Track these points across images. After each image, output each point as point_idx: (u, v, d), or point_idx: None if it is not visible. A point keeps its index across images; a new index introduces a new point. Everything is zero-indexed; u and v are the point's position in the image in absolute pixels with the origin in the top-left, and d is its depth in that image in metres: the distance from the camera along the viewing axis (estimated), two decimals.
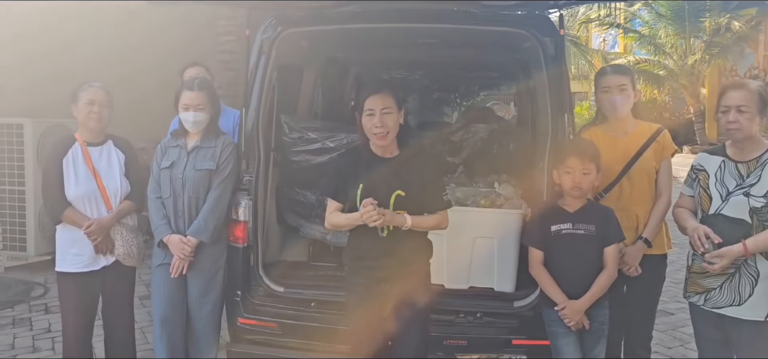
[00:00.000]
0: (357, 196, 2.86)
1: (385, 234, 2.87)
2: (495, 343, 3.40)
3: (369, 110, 2.89)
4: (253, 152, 3.58)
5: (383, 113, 2.88)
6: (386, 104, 2.89)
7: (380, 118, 2.87)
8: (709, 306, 2.95)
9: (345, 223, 2.94)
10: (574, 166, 2.98)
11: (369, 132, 2.92)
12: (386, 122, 2.88)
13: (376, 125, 2.87)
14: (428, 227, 2.98)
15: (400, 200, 2.87)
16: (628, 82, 3.30)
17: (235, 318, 3.57)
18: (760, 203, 2.80)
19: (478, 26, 3.66)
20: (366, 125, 2.91)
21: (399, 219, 2.84)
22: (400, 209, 2.86)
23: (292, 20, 3.61)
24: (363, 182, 2.88)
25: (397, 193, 2.87)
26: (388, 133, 2.89)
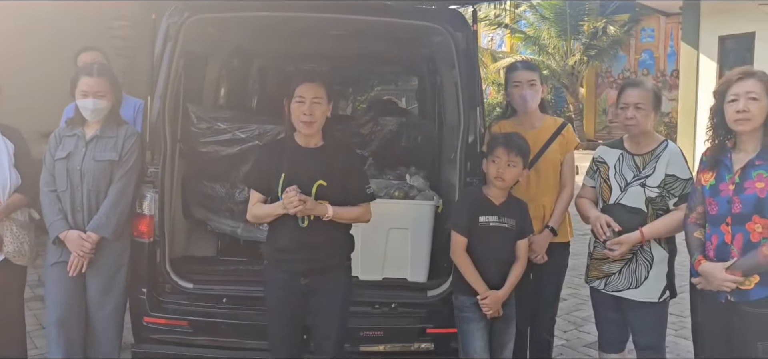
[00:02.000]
0: (279, 186, 2.81)
1: (305, 224, 2.84)
2: (410, 332, 3.45)
3: (299, 97, 2.85)
4: (158, 143, 3.40)
5: (313, 102, 2.85)
6: (317, 93, 2.87)
7: (310, 106, 2.84)
8: (608, 289, 3.15)
9: (266, 214, 2.89)
10: (500, 156, 3.07)
11: (297, 120, 2.87)
12: (314, 111, 2.85)
13: (305, 112, 2.84)
14: (350, 218, 2.97)
15: (322, 191, 2.85)
16: (536, 78, 3.45)
17: (140, 317, 3.39)
18: (655, 193, 3.03)
19: (391, 19, 3.67)
20: (294, 112, 2.87)
21: (320, 208, 2.82)
22: (322, 199, 2.84)
23: (199, 6, 3.46)
24: (285, 171, 2.83)
25: (319, 183, 2.85)
26: (315, 122, 2.86)
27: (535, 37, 18.87)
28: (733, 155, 2.74)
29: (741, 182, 2.67)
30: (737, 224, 2.66)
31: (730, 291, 2.67)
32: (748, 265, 2.62)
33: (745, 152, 2.71)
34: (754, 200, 2.62)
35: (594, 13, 17.70)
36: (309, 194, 2.81)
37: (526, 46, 19.65)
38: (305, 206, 2.76)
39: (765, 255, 2.58)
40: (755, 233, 2.63)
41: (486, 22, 20.15)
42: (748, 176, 2.66)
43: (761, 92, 2.63)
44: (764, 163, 2.64)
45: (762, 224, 2.62)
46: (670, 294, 3.10)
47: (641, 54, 18.60)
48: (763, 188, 2.61)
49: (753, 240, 2.63)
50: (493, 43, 22.65)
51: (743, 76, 2.68)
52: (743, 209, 2.64)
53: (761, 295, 2.64)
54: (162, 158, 3.39)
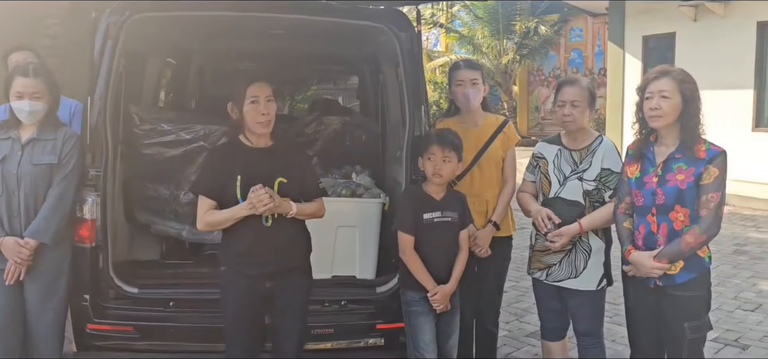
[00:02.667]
0: (237, 188, 2.79)
1: (269, 224, 2.82)
2: (359, 329, 3.49)
3: (253, 98, 2.83)
4: (99, 145, 3.31)
5: (267, 101, 2.85)
6: (268, 92, 2.87)
7: (265, 105, 2.83)
8: (550, 280, 3.29)
9: (226, 218, 2.83)
10: (435, 153, 3.14)
11: (253, 121, 2.85)
12: (270, 110, 2.85)
13: (262, 112, 2.83)
14: (309, 214, 2.99)
15: (282, 187, 2.86)
16: (479, 77, 3.56)
17: (83, 324, 3.29)
18: (592, 186, 3.18)
19: (334, 19, 3.70)
20: (249, 113, 2.84)
21: (285, 205, 2.82)
22: (283, 196, 2.84)
23: (140, 5, 3.39)
24: (241, 173, 2.81)
25: (280, 179, 2.85)
26: (271, 121, 2.86)
27: (469, 37, 19.25)
28: (655, 148, 2.92)
29: (663, 175, 2.85)
30: (661, 214, 2.85)
31: (658, 277, 2.85)
32: (673, 252, 2.80)
33: (665, 146, 2.89)
34: (675, 192, 2.81)
35: (525, 13, 18.21)
36: None
37: (461, 46, 20.02)
38: (273, 202, 2.75)
39: (688, 243, 2.77)
40: (678, 222, 2.82)
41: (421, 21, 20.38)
42: (669, 168, 2.85)
43: (673, 90, 2.80)
44: (683, 156, 2.83)
45: (683, 213, 2.81)
46: (607, 282, 3.26)
47: (571, 53, 19.26)
48: (683, 179, 2.80)
49: (676, 228, 2.82)
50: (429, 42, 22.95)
51: (659, 75, 2.86)
52: (666, 200, 2.82)
53: (685, 279, 2.84)
54: (104, 160, 3.30)
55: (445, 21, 19.86)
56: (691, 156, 2.81)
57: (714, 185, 2.77)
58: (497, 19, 18.21)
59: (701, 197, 2.78)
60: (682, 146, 2.84)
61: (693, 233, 2.77)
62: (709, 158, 2.79)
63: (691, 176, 2.78)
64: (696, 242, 2.77)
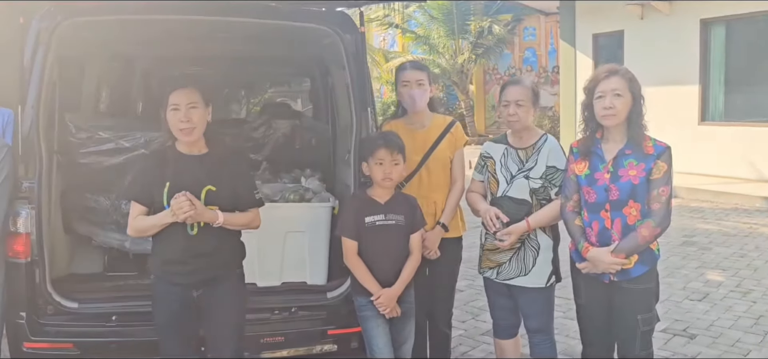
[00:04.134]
0: (163, 195, 2.72)
1: (194, 232, 2.76)
2: (311, 336, 3.43)
3: (174, 105, 2.76)
4: (32, 155, 3.17)
5: (189, 108, 2.76)
6: (192, 99, 2.78)
7: (186, 113, 2.75)
8: (500, 278, 3.29)
9: (152, 225, 2.77)
10: (384, 157, 3.10)
11: (174, 128, 2.78)
12: (192, 117, 2.77)
13: (182, 120, 2.75)
14: (240, 225, 2.92)
15: (210, 196, 2.79)
16: (425, 78, 3.53)
17: (19, 343, 3.15)
18: (538, 184, 3.20)
19: (278, 21, 3.64)
20: (171, 121, 2.77)
21: (210, 214, 2.75)
22: (211, 206, 2.77)
23: (73, 9, 3.26)
24: (170, 180, 2.74)
25: (208, 188, 2.78)
26: (194, 128, 2.78)
27: (425, 37, 19.33)
28: (603, 145, 2.95)
29: (615, 171, 2.88)
30: (615, 210, 2.88)
31: (614, 272, 2.87)
32: (630, 246, 2.85)
33: (614, 143, 2.93)
34: (628, 187, 2.85)
35: (479, 13, 18.37)
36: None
37: (417, 46, 20.08)
38: (195, 211, 2.68)
39: (643, 236, 2.82)
40: (631, 217, 2.87)
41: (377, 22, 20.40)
42: (621, 164, 2.88)
43: (624, 89, 2.85)
44: (633, 152, 2.88)
45: (636, 208, 2.86)
46: (556, 278, 3.28)
47: (525, 51, 19.51)
48: (635, 175, 2.85)
49: (630, 223, 2.87)
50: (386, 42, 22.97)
51: (609, 74, 2.90)
52: (620, 196, 2.86)
53: (640, 272, 2.90)
54: (37, 171, 3.17)
55: (399, 22, 19.87)
56: (640, 152, 2.86)
57: (663, 179, 2.83)
58: (452, 19, 18.34)
59: (652, 191, 2.84)
60: (631, 143, 2.88)
61: (647, 226, 2.82)
62: (657, 153, 2.85)
63: (643, 171, 2.84)
64: (651, 236, 2.83)
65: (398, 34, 21.31)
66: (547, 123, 16.31)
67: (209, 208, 2.77)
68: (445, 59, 18.89)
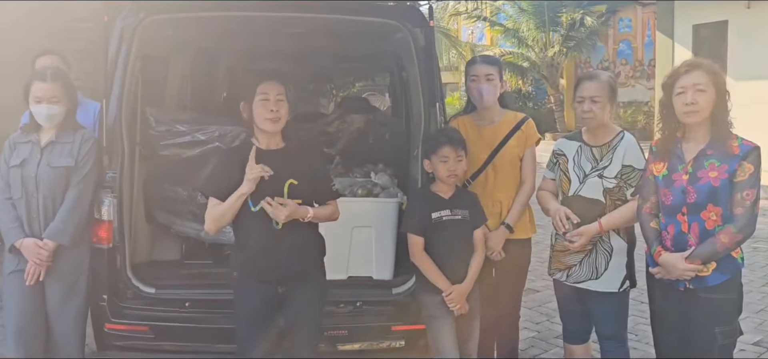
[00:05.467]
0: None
1: (280, 226, 2.78)
2: (375, 331, 3.43)
3: (263, 95, 2.81)
4: (116, 147, 3.35)
5: (277, 99, 2.82)
6: (280, 90, 2.85)
7: (275, 103, 2.81)
8: (570, 281, 3.16)
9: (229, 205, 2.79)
10: (448, 154, 3.06)
11: (261, 118, 2.82)
12: (280, 109, 2.83)
13: (271, 109, 2.80)
14: (325, 217, 2.95)
15: (293, 190, 2.81)
16: (495, 72, 3.43)
17: (101, 323, 3.34)
18: (612, 184, 3.04)
19: (350, 16, 3.65)
20: (259, 111, 2.82)
21: (302, 210, 2.78)
22: (295, 199, 2.80)
23: (155, 7, 3.42)
24: None
25: (290, 182, 2.80)
26: (280, 119, 2.83)
27: (514, 30, 18.93)
28: (683, 145, 2.77)
29: (694, 172, 2.70)
30: (693, 214, 2.69)
31: (689, 279, 2.69)
32: (707, 253, 2.65)
33: (695, 142, 2.73)
34: (708, 190, 2.66)
35: (571, 4, 17.77)
36: (280, 195, 2.77)
37: (506, 39, 19.70)
38: (288, 209, 2.71)
39: (723, 243, 2.62)
40: (710, 221, 2.67)
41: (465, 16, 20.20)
42: (701, 165, 2.69)
43: (708, 83, 2.65)
44: (715, 152, 2.68)
45: (716, 212, 2.66)
46: (630, 283, 3.12)
47: (619, 44, 18.71)
48: (716, 177, 2.65)
49: (708, 228, 2.67)
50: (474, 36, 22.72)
51: (690, 68, 2.71)
52: (698, 199, 2.67)
53: (718, 281, 2.69)
54: (120, 162, 3.34)
55: (488, 15, 19.56)
56: (723, 152, 2.66)
57: (749, 181, 2.63)
58: (542, 11, 17.84)
59: (735, 195, 2.63)
60: (714, 142, 2.69)
61: (727, 232, 2.62)
62: (742, 153, 2.64)
63: (725, 173, 2.64)
64: (731, 243, 2.63)
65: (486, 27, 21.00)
66: (641, 119, 15.58)
67: (297, 202, 2.79)
68: (535, 53, 18.42)
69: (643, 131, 14.57)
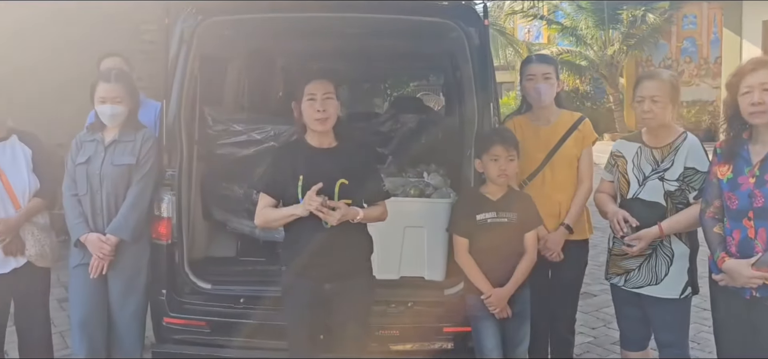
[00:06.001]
0: (298, 189, 2.78)
1: (329, 225, 2.79)
2: (427, 332, 3.41)
3: (310, 95, 2.83)
4: (175, 146, 3.44)
5: (325, 98, 2.83)
6: (327, 89, 2.85)
7: (322, 102, 2.82)
8: (628, 286, 3.07)
9: (282, 216, 2.85)
10: (499, 154, 3.02)
11: (309, 118, 2.84)
12: (327, 107, 2.83)
13: (318, 109, 2.81)
14: (373, 218, 2.95)
15: (343, 190, 2.82)
16: (552, 72, 3.38)
17: (160, 317, 3.44)
18: (674, 187, 2.93)
19: (404, 16, 3.65)
20: (306, 111, 2.84)
21: (352, 211, 2.78)
22: (344, 199, 2.80)
23: (213, 9, 3.49)
24: (303, 174, 2.80)
25: (341, 182, 2.81)
26: (328, 119, 2.84)
27: (572, 28, 18.56)
28: (750, 146, 2.64)
29: (761, 175, 2.57)
30: (760, 219, 2.57)
31: (755, 288, 2.57)
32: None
33: (762, 144, 2.61)
34: None
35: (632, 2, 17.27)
36: (330, 195, 2.78)
37: (563, 37, 19.32)
38: (339, 212, 2.71)
39: None
40: None
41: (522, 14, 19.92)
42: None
43: None
44: None
45: None
46: (692, 290, 3.00)
47: (683, 41, 18.07)
48: None
49: None
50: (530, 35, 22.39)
51: (756, 66, 2.59)
52: (766, 203, 2.55)
53: None
54: (179, 160, 3.44)
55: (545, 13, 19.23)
56: None
57: None
58: (602, 8, 17.42)
59: None
60: None
61: None
62: None
63: None
64: None
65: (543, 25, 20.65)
66: (706, 119, 15.02)
67: (346, 202, 2.80)
68: (594, 51, 17.99)
69: (707, 132, 14.02)
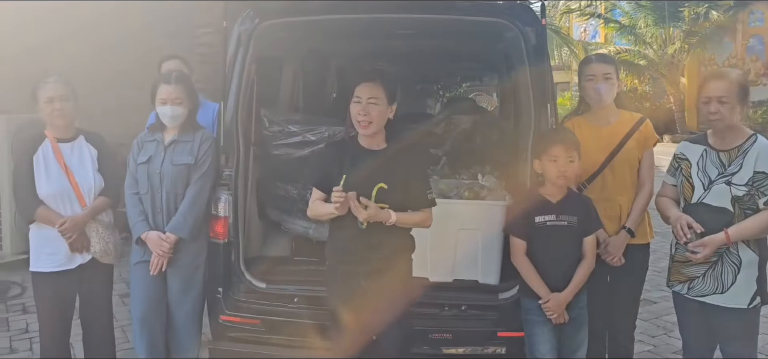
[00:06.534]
0: (341, 186, 2.80)
1: (365, 226, 2.82)
2: (480, 336, 3.36)
3: (356, 98, 2.86)
4: (232, 146, 3.50)
5: (369, 102, 2.84)
6: (374, 93, 2.85)
7: (365, 106, 2.83)
8: (692, 294, 2.95)
9: (323, 213, 2.91)
10: (559, 154, 2.95)
11: (354, 120, 2.87)
12: (370, 112, 2.83)
13: (360, 112, 2.83)
14: (411, 224, 2.94)
15: (382, 194, 2.82)
16: (612, 71, 3.29)
17: (216, 315, 3.50)
18: (742, 192, 2.81)
19: (459, 16, 3.62)
20: (352, 112, 2.87)
21: (383, 214, 2.79)
22: (383, 202, 2.81)
23: (270, 12, 3.54)
24: (347, 172, 2.83)
25: (380, 186, 2.82)
26: (371, 123, 2.84)
27: (630, 26, 18.11)
28: None
29: None
30: None
31: None
32: None
33: None
34: None
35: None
36: (369, 195, 2.79)
37: (621, 36, 18.87)
38: (368, 212, 2.74)
39: None
40: None
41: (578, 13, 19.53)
42: None
43: None
44: None
45: None
46: (761, 300, 2.86)
47: (749, 39, 17.38)
48: None
49: None
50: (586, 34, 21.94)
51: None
52: None
53: None
54: (235, 161, 3.50)
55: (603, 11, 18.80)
56: None
57: None
58: (662, 5, 16.92)
59: None
60: None
61: None
62: None
63: None
64: None
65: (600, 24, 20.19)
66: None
67: (381, 205, 2.81)
68: (653, 50, 17.51)
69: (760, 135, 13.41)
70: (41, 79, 3.32)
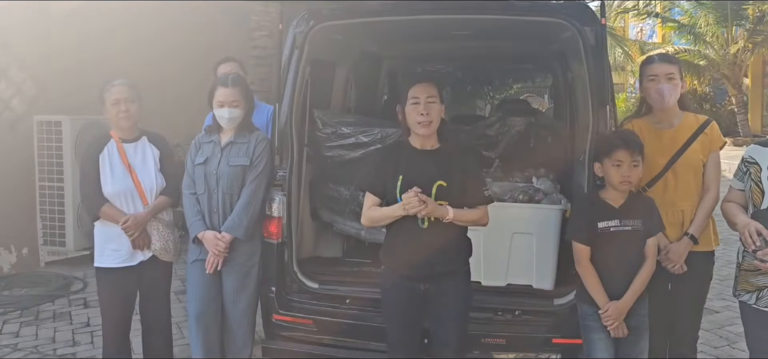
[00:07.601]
0: (397, 188, 2.81)
1: (425, 225, 2.80)
2: (534, 342, 3.30)
3: (414, 99, 2.86)
4: (286, 148, 3.54)
5: (428, 102, 2.84)
6: (430, 93, 2.86)
7: (425, 106, 2.83)
8: (761, 304, 2.82)
9: (384, 216, 2.89)
10: (623, 158, 2.87)
11: (413, 121, 2.87)
12: (430, 111, 2.84)
13: (421, 112, 2.83)
14: (469, 221, 2.91)
15: (441, 191, 2.81)
16: (675, 72, 3.17)
17: (270, 314, 3.55)
18: None
19: (516, 16, 3.57)
20: (410, 114, 2.87)
21: (441, 210, 2.78)
22: (441, 201, 2.80)
23: (324, 14, 3.57)
24: (403, 174, 2.82)
25: (439, 183, 2.81)
26: (432, 122, 2.84)
27: (690, 26, 17.52)
28: None
29: None
30: None
31: None
32: None
33: None
34: None
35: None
36: (428, 194, 2.78)
37: (680, 36, 18.30)
38: (426, 207, 2.73)
39: None
40: None
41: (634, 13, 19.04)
42: None
43: None
44: None
45: None
46: None
47: None
48: None
49: None
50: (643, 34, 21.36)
51: None
52: None
53: None
54: (289, 162, 3.53)
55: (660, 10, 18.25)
56: None
57: None
58: (724, 4, 16.29)
59: None
60: None
61: None
62: None
63: None
64: None
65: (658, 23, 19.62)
66: None
67: (439, 202, 2.80)
68: (714, 50, 16.89)
69: None
70: (108, 82, 3.43)
